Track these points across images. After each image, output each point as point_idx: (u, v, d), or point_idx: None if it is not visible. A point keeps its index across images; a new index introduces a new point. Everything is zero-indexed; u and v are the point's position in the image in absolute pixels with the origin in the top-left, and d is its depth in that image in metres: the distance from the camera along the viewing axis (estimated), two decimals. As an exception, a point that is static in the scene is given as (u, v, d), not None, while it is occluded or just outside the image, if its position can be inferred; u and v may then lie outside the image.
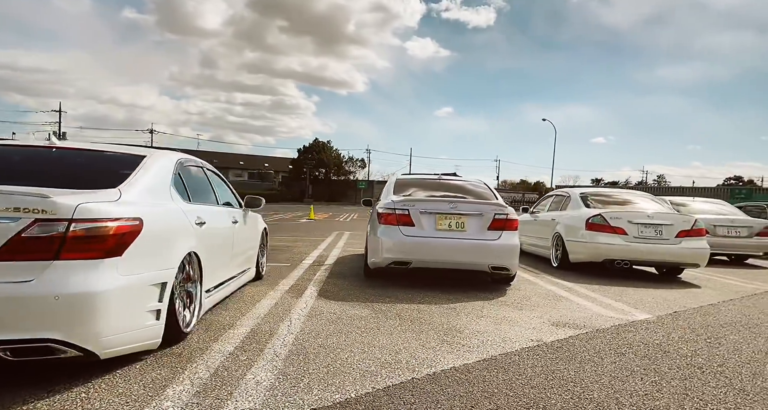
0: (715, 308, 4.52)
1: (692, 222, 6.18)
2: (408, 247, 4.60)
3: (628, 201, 7.05)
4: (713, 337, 3.43)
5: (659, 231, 6.14)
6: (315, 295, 4.12)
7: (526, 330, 3.35)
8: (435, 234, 4.66)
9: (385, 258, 4.65)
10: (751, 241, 8.55)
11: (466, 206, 4.76)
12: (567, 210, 7.21)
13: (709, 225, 8.66)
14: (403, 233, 4.65)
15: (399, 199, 4.83)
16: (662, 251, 6.05)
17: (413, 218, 4.69)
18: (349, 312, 3.56)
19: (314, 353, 2.60)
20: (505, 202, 5.06)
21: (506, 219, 4.77)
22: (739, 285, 6.09)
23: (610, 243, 6.15)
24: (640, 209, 6.55)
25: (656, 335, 3.42)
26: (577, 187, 7.88)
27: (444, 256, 4.63)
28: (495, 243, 4.68)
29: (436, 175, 5.83)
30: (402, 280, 5.10)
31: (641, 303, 4.62)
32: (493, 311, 3.91)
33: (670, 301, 4.75)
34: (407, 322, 3.37)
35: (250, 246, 4.25)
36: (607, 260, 6.18)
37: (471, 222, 4.73)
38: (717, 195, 39.51)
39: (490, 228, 4.73)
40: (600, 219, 6.30)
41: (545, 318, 3.76)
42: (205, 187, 3.42)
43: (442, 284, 5.01)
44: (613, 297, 4.83)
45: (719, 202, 10.04)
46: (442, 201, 4.80)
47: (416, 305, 3.95)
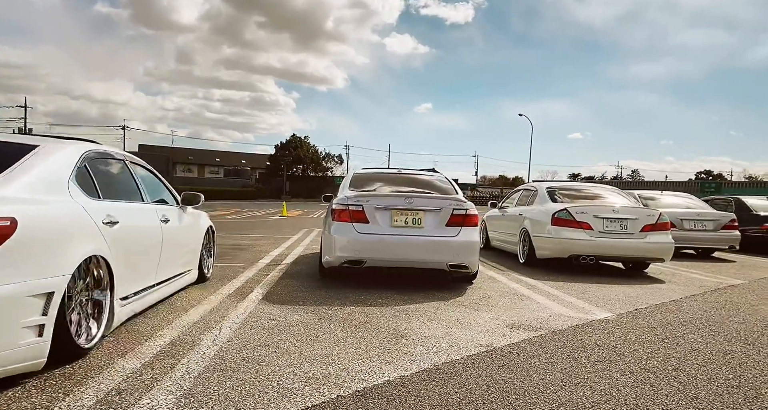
0: (677, 305, 4.41)
1: (657, 216, 6.11)
2: (362, 245, 4.34)
3: (596, 195, 6.96)
4: (671, 337, 3.28)
5: (624, 226, 6.04)
6: (259, 299, 3.83)
7: (477, 334, 3.13)
8: (390, 231, 4.41)
9: (338, 257, 4.38)
10: (717, 235, 8.61)
11: (423, 201, 4.53)
12: (534, 205, 7.07)
13: (675, 218, 8.68)
14: (356, 230, 4.39)
15: (353, 194, 4.55)
16: (627, 246, 5.96)
17: (367, 214, 4.43)
18: (290, 318, 3.28)
19: (233, 368, 2.31)
20: (464, 197, 4.84)
21: (465, 214, 4.55)
22: (704, 279, 6.06)
23: (576, 238, 6.03)
24: (606, 203, 6.46)
25: (613, 336, 3.25)
26: (544, 182, 7.76)
27: (400, 254, 4.39)
28: (454, 240, 4.46)
29: (396, 169, 5.58)
30: (359, 280, 4.84)
31: (603, 300, 4.48)
32: (447, 313, 3.69)
33: (632, 298, 4.63)
34: (351, 328, 3.12)
35: (189, 247, 3.91)
36: (573, 256, 6.06)
37: (428, 218, 4.49)
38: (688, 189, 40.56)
39: (448, 224, 4.51)
40: (566, 214, 6.17)
41: (501, 320, 3.56)
42: (124, 183, 3.07)
43: (401, 283, 4.78)
44: (575, 295, 4.68)
45: (687, 196, 10.13)
46: (397, 196, 4.55)
47: (366, 308, 3.70)
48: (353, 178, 5.18)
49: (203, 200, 3.93)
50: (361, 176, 5.26)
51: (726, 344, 3.16)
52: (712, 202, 11.79)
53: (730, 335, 3.39)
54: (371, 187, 4.91)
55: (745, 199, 10.94)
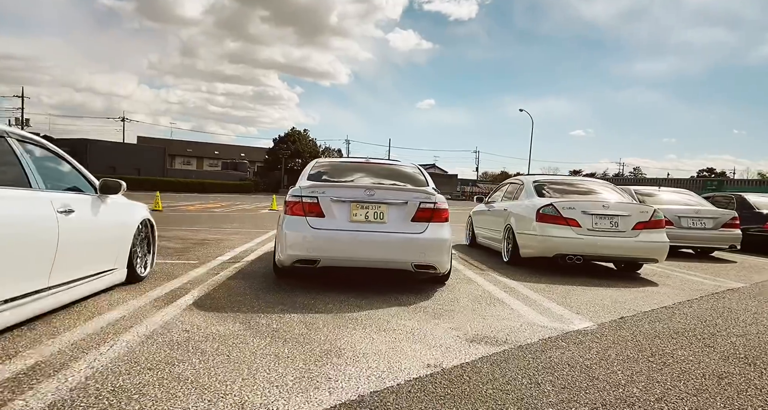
0: (669, 312, 3.93)
1: (651, 212, 5.61)
2: (315, 243, 3.86)
3: (587, 190, 6.45)
4: (658, 354, 2.80)
5: (615, 223, 5.55)
6: (188, 304, 3.35)
7: (428, 351, 2.66)
8: (348, 227, 3.92)
9: (288, 256, 3.90)
10: (717, 233, 8.11)
11: (386, 193, 4.04)
12: (519, 199, 6.57)
13: (673, 216, 8.18)
14: (310, 225, 3.90)
15: (307, 184, 4.07)
16: (617, 245, 5.47)
17: (323, 207, 3.94)
18: (210, 329, 2.80)
19: (84, 406, 1.81)
20: (435, 189, 4.35)
21: (434, 208, 4.06)
22: (701, 282, 5.58)
23: (562, 236, 5.54)
24: (595, 199, 5.95)
25: (589, 352, 2.78)
26: (532, 175, 7.25)
27: (358, 253, 3.91)
28: (420, 236, 3.98)
29: (364, 158, 5.08)
30: (319, 280, 4.36)
31: (587, 306, 4.00)
32: (402, 322, 3.21)
33: (619, 304, 4.15)
34: (279, 343, 2.64)
35: (110, 242, 3.41)
36: (558, 255, 5.58)
37: (392, 212, 4.01)
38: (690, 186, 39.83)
39: (414, 220, 4.02)
40: (551, 210, 5.67)
41: (463, 331, 3.08)
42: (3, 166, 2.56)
43: (365, 284, 4.30)
44: (557, 300, 4.21)
45: (685, 192, 9.61)
46: (357, 187, 4.05)
47: (311, 316, 3.22)
48: (313, 167, 4.68)
49: (125, 188, 3.44)
50: (322, 165, 4.76)
51: (722, 364, 2.68)
52: (713, 199, 11.26)
53: (727, 352, 2.91)
54: (332, 178, 4.42)
55: (748, 196, 10.40)
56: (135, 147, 47.28)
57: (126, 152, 43.12)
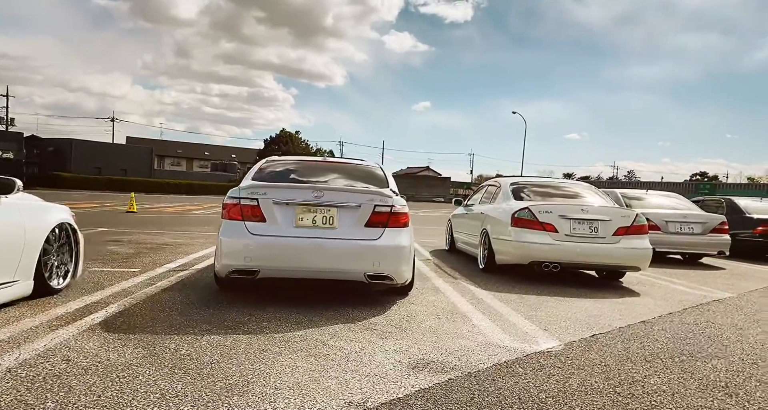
0: (646, 329, 3.56)
1: (633, 217, 5.25)
2: (254, 251, 3.46)
3: (567, 193, 6.09)
4: (627, 382, 2.43)
5: (594, 228, 5.18)
6: (93, 324, 2.89)
7: (359, 381, 2.26)
8: (292, 233, 3.52)
9: (224, 266, 3.49)
10: (705, 239, 7.78)
11: (337, 195, 3.64)
12: (496, 202, 6.20)
13: (660, 220, 7.85)
14: (249, 231, 3.50)
15: (247, 184, 3.66)
16: (596, 252, 5.10)
17: (264, 211, 3.53)
18: (98, 358, 2.33)
19: None
20: (394, 191, 3.95)
21: (391, 212, 3.67)
22: (686, 292, 5.22)
23: (538, 242, 5.16)
24: (574, 202, 5.59)
25: (548, 381, 2.39)
26: (511, 177, 6.89)
27: (303, 262, 3.51)
28: (374, 244, 3.58)
29: (321, 157, 4.68)
30: (266, 290, 3.95)
31: (557, 321, 3.62)
32: (341, 343, 2.81)
33: (594, 318, 3.78)
34: (175, 376, 2.21)
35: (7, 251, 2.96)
36: (534, 262, 5.20)
37: (343, 217, 3.61)
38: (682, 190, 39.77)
39: (368, 225, 3.62)
40: (527, 214, 5.30)
41: (409, 354, 2.69)
42: None
43: (317, 296, 3.89)
44: (526, 313, 3.83)
45: (674, 196, 9.30)
46: (304, 188, 3.65)
47: (233, 338, 2.81)
48: (262, 165, 4.27)
49: (20, 187, 3.01)
50: (273, 163, 4.35)
51: (699, 396, 2.30)
52: (703, 202, 10.96)
53: (707, 378, 2.54)
54: (280, 177, 4.01)
55: (737, 200, 10.11)
56: (121, 147, 46.58)
57: (112, 152, 42.44)
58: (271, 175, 4.04)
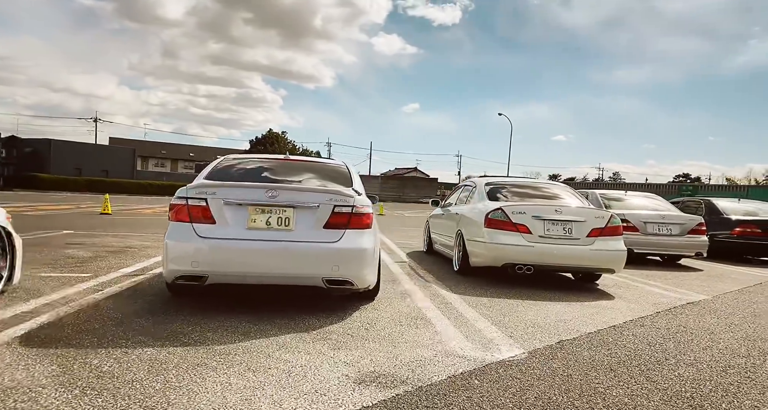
0: (616, 334, 3.43)
1: (607, 218, 5.14)
2: (202, 255, 3.24)
3: (543, 194, 5.96)
4: (588, 395, 2.27)
5: (568, 230, 5.06)
6: (15, 336, 2.62)
7: (295, 401, 2.06)
8: (244, 235, 3.31)
9: (169, 272, 3.26)
10: (683, 240, 7.74)
11: (293, 194, 3.43)
12: (470, 203, 6.06)
13: (638, 221, 7.80)
14: (197, 234, 3.28)
15: (195, 184, 3.44)
16: (570, 253, 4.98)
17: (213, 212, 3.32)
18: (3, 378, 2.10)
19: None
20: (357, 190, 3.76)
21: (352, 213, 3.48)
22: (661, 294, 5.13)
23: (511, 243, 5.02)
24: (549, 203, 5.47)
25: (503, 395, 2.22)
26: (487, 177, 6.74)
27: (256, 267, 3.30)
28: (333, 246, 3.38)
29: (283, 155, 4.47)
30: (223, 298, 3.73)
31: (525, 326, 3.47)
32: (287, 355, 2.61)
33: (563, 323, 3.63)
34: (84, 398, 1.98)
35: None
36: (508, 264, 5.06)
37: (300, 218, 3.41)
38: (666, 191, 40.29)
39: (328, 226, 3.43)
40: (500, 215, 5.16)
41: (358, 367, 2.50)
42: None
43: (275, 302, 3.68)
44: (494, 318, 3.67)
45: (653, 197, 9.27)
46: (257, 187, 3.44)
47: (168, 351, 2.59)
48: (218, 164, 4.05)
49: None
50: (230, 162, 4.13)
51: (662, 409, 2.15)
52: (683, 204, 11.00)
53: (672, 389, 2.40)
54: (236, 176, 3.79)
55: (716, 201, 10.14)
56: (103, 148, 45.66)
57: (93, 153, 41.55)
58: (226, 173, 3.82)
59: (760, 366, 2.81)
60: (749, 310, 4.43)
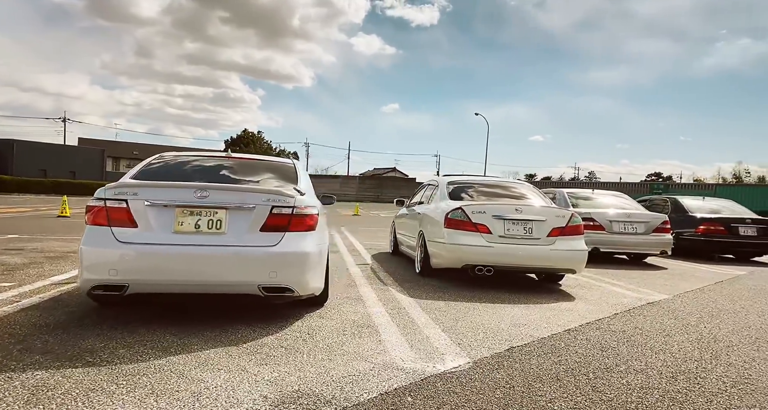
0: (570, 338, 3.28)
1: (568, 217, 5.03)
2: (122, 262, 2.94)
3: (504, 193, 5.82)
4: (528, 408, 2.09)
5: (529, 229, 4.93)
6: None
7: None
8: (170, 240, 3.03)
9: (85, 281, 2.95)
10: (647, 238, 7.76)
11: (225, 195, 3.17)
12: (432, 202, 5.89)
13: (604, 220, 7.79)
14: (117, 239, 2.98)
15: (116, 183, 3.14)
16: (529, 254, 4.85)
17: (135, 214, 3.03)
18: None
19: None
20: (299, 189, 3.50)
21: (293, 214, 3.23)
22: (623, 294, 5.05)
23: (470, 244, 4.86)
24: (509, 202, 5.33)
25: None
26: (450, 175, 6.59)
27: (184, 274, 3.01)
28: (271, 251, 3.13)
29: (226, 152, 4.19)
30: (158, 305, 3.44)
31: (477, 332, 3.29)
32: (204, 374, 2.35)
33: (517, 327, 3.47)
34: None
35: None
36: (467, 266, 4.90)
37: (234, 220, 3.15)
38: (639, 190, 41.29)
39: (265, 229, 3.17)
40: (460, 214, 4.99)
41: (282, 385, 2.26)
42: None
43: (209, 311, 3.41)
44: (446, 323, 3.48)
45: (620, 195, 9.30)
46: (184, 186, 3.15)
47: (63, 373, 2.30)
48: (149, 162, 3.74)
49: None
50: (163, 159, 3.82)
51: (605, 424, 1.99)
52: (651, 202, 11.11)
53: (618, 400, 2.24)
54: (168, 175, 3.49)
55: (682, 199, 10.25)
56: (70, 148, 44.02)
57: (59, 154, 39.99)
58: (156, 172, 3.52)
59: (711, 371, 2.70)
60: (707, 310, 4.38)
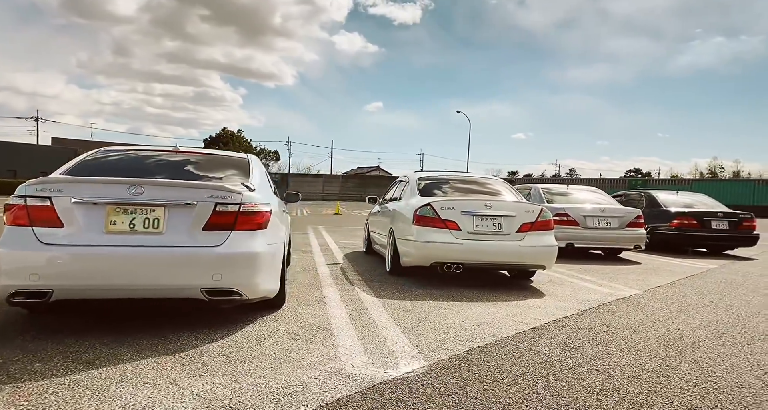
0: (534, 337, 3.14)
1: (537, 212, 4.91)
2: (46, 266, 2.68)
3: (475, 188, 5.68)
4: (477, 420, 1.93)
5: (498, 225, 4.80)
6: None
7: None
8: (102, 241, 2.77)
9: (2, 287, 2.67)
10: (621, 233, 7.73)
11: (163, 191, 2.92)
12: (403, 199, 5.72)
13: (578, 215, 7.74)
14: (40, 240, 2.71)
15: (38, 179, 2.87)
16: (499, 250, 4.71)
17: (60, 213, 2.76)
18: None
19: None
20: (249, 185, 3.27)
21: (239, 211, 3.01)
22: (594, 290, 4.96)
23: (439, 241, 4.71)
24: (479, 197, 5.19)
25: (373, 428, 1.85)
26: (421, 171, 6.43)
27: (117, 278, 2.77)
28: (214, 251, 2.90)
29: (173, 146, 3.93)
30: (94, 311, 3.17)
31: (438, 333, 3.13)
32: (125, 388, 2.13)
33: (480, 327, 3.32)
34: None
35: None
36: (436, 263, 4.74)
37: (173, 218, 2.91)
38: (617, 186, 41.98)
39: (208, 227, 2.94)
40: (429, 211, 4.83)
41: (210, 400, 2.05)
42: None
43: (155, 316, 3.18)
44: (407, 325, 3.31)
45: (594, 190, 9.28)
46: (118, 182, 2.90)
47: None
48: (84, 157, 3.45)
49: None
50: (100, 154, 3.52)
51: (559, 432, 1.84)
52: (626, 196, 11.17)
53: (576, 403, 2.10)
54: (96, 171, 3.21)
55: (656, 194, 10.31)
56: (41, 148, 42.64)
57: (30, 154, 38.68)
58: (90, 167, 3.25)
59: (674, 369, 2.59)
60: (676, 305, 4.31)
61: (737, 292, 5.02)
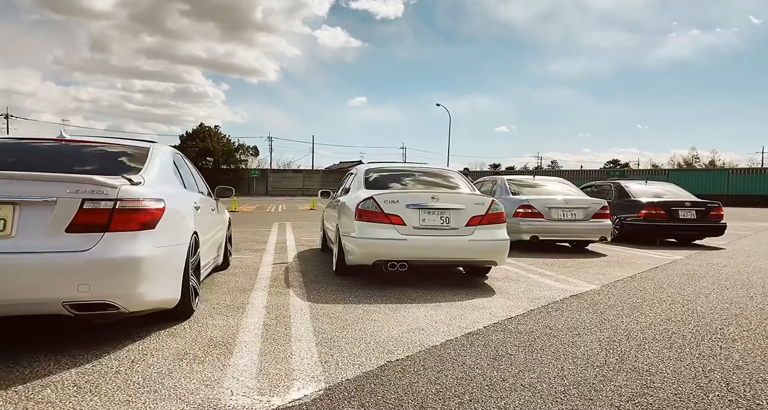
0: (466, 344, 2.77)
1: (488, 205, 4.55)
2: None
3: (427, 180, 5.30)
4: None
5: (446, 219, 4.42)
6: None
7: None
8: (-66, 248, 2.28)
9: None
10: (586, 225, 7.47)
11: (12, 185, 2.44)
12: (350, 192, 5.30)
13: (543, 207, 7.44)
14: None
15: None
16: (446, 246, 4.34)
17: None
18: None
19: None
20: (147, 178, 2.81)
21: (114, 208, 2.53)
22: (550, 286, 4.64)
23: (382, 237, 4.31)
24: (428, 190, 4.80)
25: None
26: (372, 162, 6.02)
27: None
28: (80, 257, 2.43)
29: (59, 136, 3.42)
30: None
31: (358, 344, 2.73)
32: None
33: (410, 334, 2.94)
34: None
35: None
36: (379, 261, 4.35)
37: (26, 218, 2.42)
38: (597, 177, 42.30)
39: (72, 229, 2.46)
40: (371, 205, 4.42)
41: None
42: None
43: (21, 334, 2.71)
44: (327, 335, 2.91)
45: (560, 181, 9.01)
46: None
47: None
48: None
49: None
50: None
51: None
52: (597, 187, 10.96)
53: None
54: None
55: (625, 184, 10.10)
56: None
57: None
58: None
59: (610, 380, 2.25)
60: (630, 301, 4.00)
61: (697, 285, 4.77)
